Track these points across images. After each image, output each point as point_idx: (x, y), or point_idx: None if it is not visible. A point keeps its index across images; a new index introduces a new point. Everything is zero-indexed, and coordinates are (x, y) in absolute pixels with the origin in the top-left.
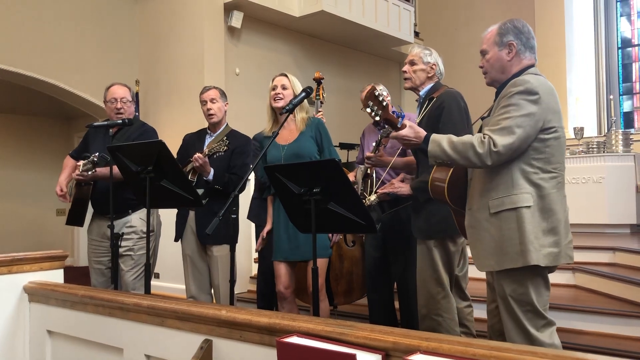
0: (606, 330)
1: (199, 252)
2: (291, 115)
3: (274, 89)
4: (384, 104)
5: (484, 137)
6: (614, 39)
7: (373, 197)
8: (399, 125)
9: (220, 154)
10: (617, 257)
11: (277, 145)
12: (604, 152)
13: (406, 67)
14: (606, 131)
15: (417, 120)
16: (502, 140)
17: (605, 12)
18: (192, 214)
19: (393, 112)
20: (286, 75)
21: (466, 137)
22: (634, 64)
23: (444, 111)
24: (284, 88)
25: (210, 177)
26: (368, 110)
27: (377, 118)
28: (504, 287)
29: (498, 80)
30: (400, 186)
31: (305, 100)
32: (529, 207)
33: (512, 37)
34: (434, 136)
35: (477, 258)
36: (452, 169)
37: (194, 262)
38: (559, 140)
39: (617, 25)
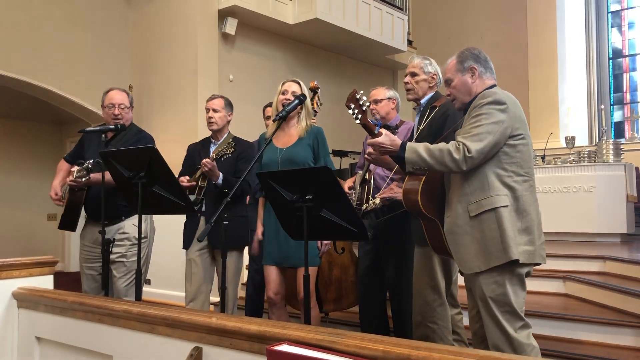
0: (596, 339)
1: (202, 255)
2: (295, 120)
3: (283, 93)
4: (364, 108)
5: (459, 144)
6: (605, 50)
7: (378, 201)
8: (375, 132)
9: (227, 156)
10: (608, 266)
11: (275, 148)
12: (594, 161)
13: (408, 79)
14: (597, 141)
15: (420, 128)
16: (475, 146)
17: (596, 23)
18: (202, 220)
19: (372, 122)
20: (298, 82)
21: (442, 145)
22: (624, 75)
23: (448, 119)
24: (294, 94)
25: (220, 181)
26: (350, 111)
27: (357, 121)
28: (482, 288)
29: (466, 102)
30: (399, 191)
31: (310, 107)
32: (506, 206)
33: (472, 61)
34: (410, 144)
35: (462, 261)
36: (423, 180)
37: (198, 265)
38: (527, 147)
39: (608, 36)
